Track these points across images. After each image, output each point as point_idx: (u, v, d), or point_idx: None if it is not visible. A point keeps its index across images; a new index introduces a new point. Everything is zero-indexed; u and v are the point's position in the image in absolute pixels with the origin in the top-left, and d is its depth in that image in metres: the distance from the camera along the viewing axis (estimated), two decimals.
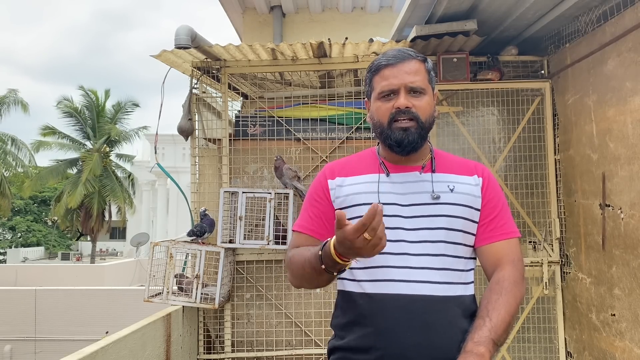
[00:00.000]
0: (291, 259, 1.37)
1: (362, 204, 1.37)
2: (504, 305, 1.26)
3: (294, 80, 3.60)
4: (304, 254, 1.30)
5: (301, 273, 1.31)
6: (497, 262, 1.35)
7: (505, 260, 1.34)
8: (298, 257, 1.33)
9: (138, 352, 2.52)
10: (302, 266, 1.29)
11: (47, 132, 21.47)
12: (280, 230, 3.19)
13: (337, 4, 5.42)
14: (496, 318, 1.23)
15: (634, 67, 2.44)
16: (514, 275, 1.32)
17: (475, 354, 1.16)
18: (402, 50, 1.39)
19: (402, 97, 1.34)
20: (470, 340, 1.20)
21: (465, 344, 1.20)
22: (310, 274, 1.26)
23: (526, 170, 3.35)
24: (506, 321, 1.24)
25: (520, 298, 1.32)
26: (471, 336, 1.21)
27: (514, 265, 1.34)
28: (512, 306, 1.27)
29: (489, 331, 1.21)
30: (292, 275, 1.38)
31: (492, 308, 1.26)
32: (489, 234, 1.37)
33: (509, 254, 1.36)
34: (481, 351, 1.17)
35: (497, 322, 1.23)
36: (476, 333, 1.21)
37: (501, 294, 1.28)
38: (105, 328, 7.12)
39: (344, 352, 1.35)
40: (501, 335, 1.22)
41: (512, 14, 2.82)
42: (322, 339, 3.31)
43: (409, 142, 1.34)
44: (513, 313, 1.27)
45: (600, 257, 2.78)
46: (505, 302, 1.27)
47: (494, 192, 1.41)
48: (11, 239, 29.16)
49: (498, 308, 1.25)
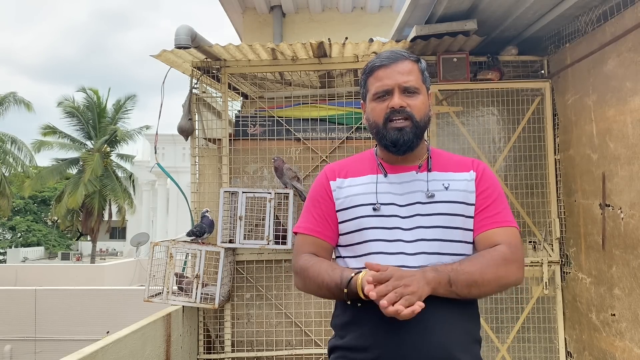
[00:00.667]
0: (306, 270, 1.38)
1: (361, 204, 1.38)
2: (479, 264, 1.27)
3: (294, 80, 3.60)
4: (322, 275, 1.33)
5: (316, 290, 1.38)
6: (492, 246, 1.33)
7: (501, 243, 1.32)
8: (314, 274, 1.35)
9: (138, 352, 2.52)
10: (319, 286, 1.34)
11: (47, 132, 21.49)
12: (280, 230, 3.19)
13: (337, 4, 5.42)
14: (464, 267, 1.25)
15: (634, 67, 2.44)
16: (506, 253, 1.30)
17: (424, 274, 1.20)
18: (395, 51, 1.41)
19: (396, 96, 1.35)
20: (429, 265, 1.25)
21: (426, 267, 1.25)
22: (327, 295, 1.36)
23: (526, 170, 3.35)
24: (473, 276, 1.24)
25: (505, 277, 1.28)
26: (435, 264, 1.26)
27: (509, 247, 1.31)
28: (489, 273, 1.26)
29: (450, 269, 1.24)
30: (305, 286, 1.40)
31: (468, 259, 1.29)
32: (482, 222, 1.36)
33: (504, 238, 1.33)
34: (430, 276, 1.20)
35: (463, 269, 1.25)
36: (441, 265, 1.26)
37: (484, 257, 1.29)
38: (105, 328, 7.12)
39: (343, 351, 1.36)
40: (461, 282, 1.23)
41: (512, 14, 2.82)
42: (322, 339, 3.31)
43: (404, 141, 1.35)
44: (486, 279, 1.26)
45: (600, 257, 2.78)
46: (483, 263, 1.27)
47: (487, 183, 1.40)
48: (11, 239, 29.16)
49: (473, 262, 1.28)
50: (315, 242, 1.43)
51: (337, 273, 1.30)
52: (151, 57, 3.22)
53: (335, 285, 1.29)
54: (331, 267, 1.34)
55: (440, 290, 1.21)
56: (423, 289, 1.17)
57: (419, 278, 1.18)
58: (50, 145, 21.42)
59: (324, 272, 1.33)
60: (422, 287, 1.17)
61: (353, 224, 1.38)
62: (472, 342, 1.33)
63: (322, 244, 1.43)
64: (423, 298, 1.16)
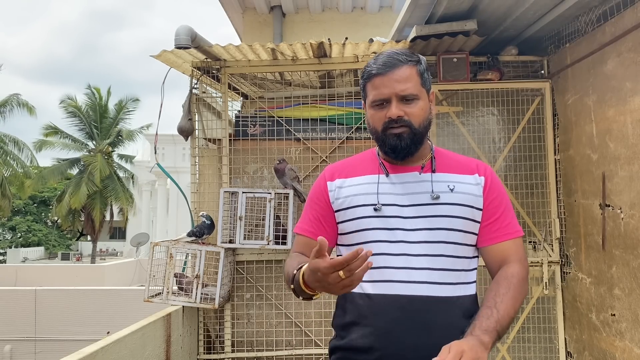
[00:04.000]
0: (285, 269, 1.40)
1: (362, 205, 1.37)
2: (511, 299, 1.26)
3: (294, 80, 3.60)
4: (291, 265, 1.32)
5: (287, 285, 1.33)
6: (503, 261, 1.36)
7: (512, 259, 1.35)
8: (287, 266, 1.36)
9: (138, 352, 2.52)
10: (286, 279, 1.33)
11: (49, 132, 21.49)
12: (280, 230, 3.19)
13: (337, 4, 5.42)
14: (503, 311, 1.23)
15: (634, 67, 2.44)
16: (522, 273, 1.33)
17: (481, 342, 1.15)
18: (392, 55, 1.35)
19: (394, 106, 1.33)
20: (477, 327, 1.20)
21: (472, 329, 1.19)
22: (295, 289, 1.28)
23: (526, 170, 3.35)
24: (511, 316, 1.25)
25: (524, 297, 1.33)
26: (479, 323, 1.20)
27: (521, 264, 1.35)
28: (518, 302, 1.28)
29: (495, 322, 1.21)
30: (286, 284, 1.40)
31: (501, 300, 1.26)
32: (494, 234, 1.37)
33: (515, 252, 1.37)
34: (486, 340, 1.16)
35: (504, 315, 1.23)
36: (484, 322, 1.21)
37: (510, 289, 1.28)
38: (106, 328, 7.11)
39: (344, 352, 1.36)
40: (504, 328, 1.23)
41: (512, 14, 2.82)
42: (322, 339, 3.31)
43: (402, 148, 1.35)
44: (517, 309, 1.28)
45: (600, 257, 2.78)
46: (512, 297, 1.27)
47: (496, 192, 1.40)
48: (11, 239, 29.16)
49: (506, 301, 1.26)
50: (307, 243, 1.44)
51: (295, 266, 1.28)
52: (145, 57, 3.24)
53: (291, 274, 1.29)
54: (297, 261, 1.32)
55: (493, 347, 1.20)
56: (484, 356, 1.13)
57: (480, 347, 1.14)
58: (52, 145, 21.43)
59: (294, 262, 1.33)
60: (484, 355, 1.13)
61: (353, 224, 1.38)
62: None
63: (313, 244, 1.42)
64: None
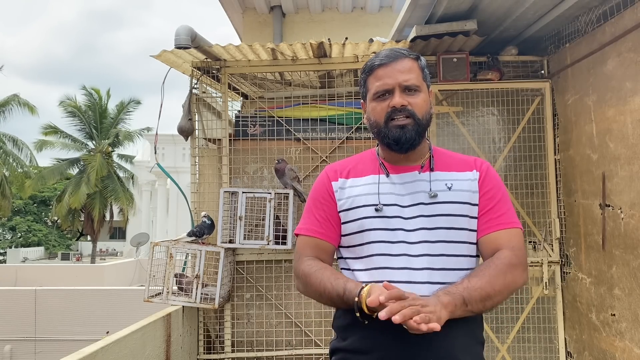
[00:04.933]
0: (308, 277, 1.36)
1: (363, 205, 1.37)
2: (489, 276, 1.24)
3: (294, 80, 3.60)
4: (324, 284, 1.31)
5: (317, 298, 1.35)
6: (495, 249, 1.33)
7: (504, 247, 1.32)
8: (316, 281, 1.33)
9: (138, 352, 2.52)
10: (320, 294, 1.33)
11: (49, 132, 21.49)
12: (280, 230, 3.19)
13: (337, 4, 5.42)
14: (475, 283, 1.22)
15: (634, 67, 2.44)
16: (510, 257, 1.29)
17: (439, 299, 1.16)
18: (394, 49, 1.39)
19: (397, 95, 1.33)
20: (441, 289, 1.21)
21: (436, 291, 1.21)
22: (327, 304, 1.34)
23: (526, 170, 3.35)
24: (485, 290, 1.22)
25: (512, 283, 1.28)
26: (445, 289, 1.22)
27: (513, 251, 1.31)
28: (498, 282, 1.24)
29: (463, 289, 1.20)
30: (306, 292, 1.39)
31: (475, 274, 1.26)
32: (486, 224, 1.36)
33: (507, 241, 1.33)
34: (445, 300, 1.16)
35: (475, 286, 1.22)
36: (450, 287, 1.22)
37: (489, 267, 1.27)
38: (105, 328, 7.11)
39: (345, 354, 1.35)
40: (475, 299, 1.20)
41: (512, 14, 2.82)
42: (322, 339, 3.31)
43: (407, 139, 1.34)
44: (497, 289, 1.24)
45: (600, 257, 2.78)
46: (490, 274, 1.25)
47: (491, 184, 1.39)
48: (11, 239, 29.16)
49: (480, 276, 1.25)
50: (318, 244, 1.41)
51: (340, 284, 1.27)
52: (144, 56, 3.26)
53: (337, 295, 1.27)
54: (334, 276, 1.31)
55: (457, 312, 1.18)
56: (441, 311, 1.13)
57: (435, 301, 1.14)
58: (52, 145, 21.43)
59: (326, 281, 1.31)
60: (439, 309, 1.13)
61: (355, 225, 1.37)
62: (475, 344, 1.33)
63: (324, 246, 1.41)
64: (442, 322, 1.12)
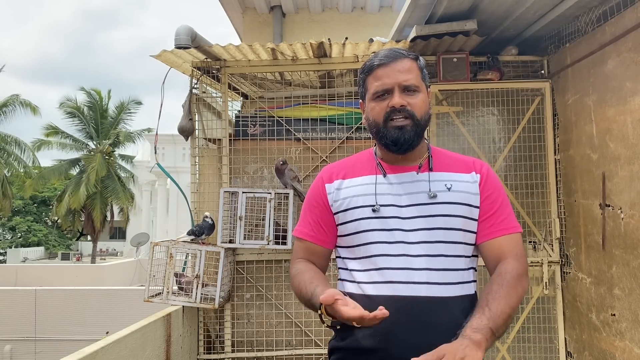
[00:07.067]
0: (292, 278, 1.42)
1: (360, 206, 1.37)
2: (505, 297, 1.24)
3: (294, 80, 3.60)
4: (305, 285, 1.34)
5: (299, 300, 1.39)
6: (499, 257, 1.34)
7: (508, 255, 1.33)
8: (298, 283, 1.38)
9: (138, 352, 2.52)
10: (300, 297, 1.37)
11: (50, 132, 21.49)
12: (280, 230, 3.19)
13: (337, 4, 5.42)
14: (496, 308, 1.21)
15: (634, 67, 2.44)
16: (517, 268, 1.30)
17: (472, 341, 1.13)
18: (393, 49, 1.39)
19: (397, 95, 1.33)
20: (468, 327, 1.18)
21: (463, 330, 1.17)
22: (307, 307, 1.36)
23: (526, 170, 3.35)
24: (506, 313, 1.21)
25: (523, 293, 1.29)
26: (470, 323, 1.19)
27: (517, 260, 1.32)
28: (513, 299, 1.25)
29: (487, 320, 1.18)
30: (294, 292, 1.44)
31: (493, 299, 1.24)
32: (489, 229, 1.36)
33: (511, 248, 1.34)
34: (477, 338, 1.13)
35: (497, 312, 1.20)
36: (475, 321, 1.19)
37: (502, 286, 1.26)
38: (105, 328, 7.12)
39: (344, 353, 1.35)
40: (500, 326, 1.19)
41: (512, 14, 2.82)
42: (322, 339, 3.31)
43: (405, 140, 1.33)
44: (514, 306, 1.24)
45: (600, 257, 2.78)
46: (506, 294, 1.24)
47: (492, 188, 1.39)
48: (11, 239, 29.15)
49: (498, 299, 1.23)
50: (309, 247, 1.45)
51: (311, 289, 1.31)
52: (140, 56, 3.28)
53: (308, 300, 1.32)
54: (310, 279, 1.35)
55: (488, 345, 1.17)
56: (477, 353, 1.11)
57: (470, 346, 1.11)
58: (52, 145, 21.44)
59: (302, 285, 1.35)
60: (475, 353, 1.10)
61: (352, 225, 1.37)
62: None
63: (316, 249, 1.45)
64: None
